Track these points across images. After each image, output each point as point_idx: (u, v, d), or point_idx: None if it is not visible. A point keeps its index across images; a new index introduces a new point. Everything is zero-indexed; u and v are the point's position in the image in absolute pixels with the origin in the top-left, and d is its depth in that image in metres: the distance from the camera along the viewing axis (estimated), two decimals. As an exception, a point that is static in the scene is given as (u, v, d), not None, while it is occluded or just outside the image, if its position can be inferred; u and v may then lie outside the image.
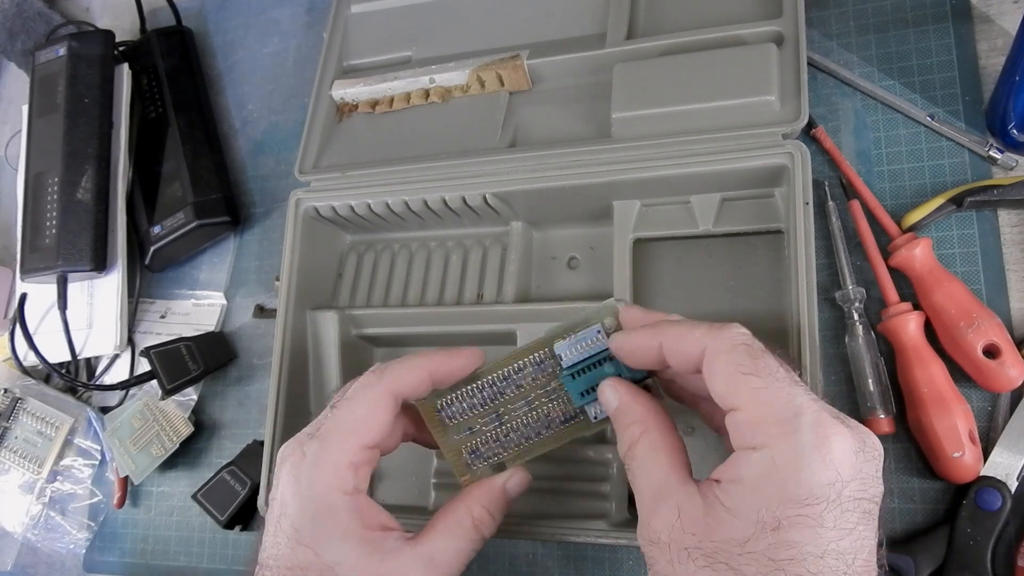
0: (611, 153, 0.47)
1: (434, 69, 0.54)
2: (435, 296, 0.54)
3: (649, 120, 0.46)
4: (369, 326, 0.53)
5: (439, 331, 0.52)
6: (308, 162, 0.55)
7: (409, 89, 0.55)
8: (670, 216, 0.48)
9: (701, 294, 0.48)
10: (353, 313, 0.53)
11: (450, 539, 0.34)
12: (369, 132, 0.56)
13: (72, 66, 0.62)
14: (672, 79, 0.46)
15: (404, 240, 0.56)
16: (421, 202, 0.51)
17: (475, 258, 0.54)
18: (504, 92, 0.53)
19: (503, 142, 0.51)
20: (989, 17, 0.48)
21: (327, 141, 0.57)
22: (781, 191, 0.45)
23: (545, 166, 0.48)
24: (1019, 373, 0.40)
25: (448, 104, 0.55)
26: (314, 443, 0.34)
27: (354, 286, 0.56)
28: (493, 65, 0.52)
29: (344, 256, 0.57)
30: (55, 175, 0.60)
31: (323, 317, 0.53)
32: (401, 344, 0.55)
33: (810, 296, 0.39)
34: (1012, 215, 0.45)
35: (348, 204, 0.52)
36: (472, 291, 0.53)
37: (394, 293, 0.55)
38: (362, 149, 0.55)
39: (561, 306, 0.48)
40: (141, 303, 0.65)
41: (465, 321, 0.51)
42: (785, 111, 0.44)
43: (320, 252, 0.55)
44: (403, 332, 0.53)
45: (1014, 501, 0.40)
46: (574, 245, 0.52)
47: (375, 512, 0.35)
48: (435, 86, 0.54)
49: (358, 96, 0.57)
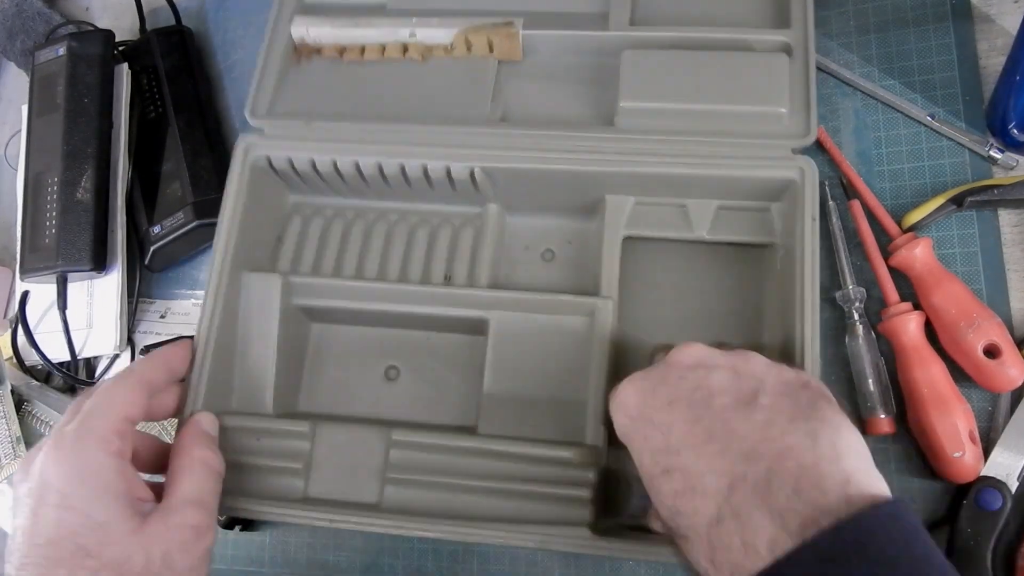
0: (614, 143, 0.45)
1: (415, 23, 0.50)
2: (396, 273, 0.49)
3: (657, 114, 0.44)
4: (314, 297, 0.48)
5: (399, 311, 0.47)
6: (262, 105, 0.50)
7: (385, 40, 0.50)
8: (664, 217, 0.47)
9: (686, 299, 0.47)
10: (296, 280, 0.48)
11: (196, 481, 0.39)
12: (334, 80, 0.51)
13: (72, 66, 0.62)
14: (685, 75, 0.45)
15: (359, 208, 0.51)
16: (397, 167, 0.47)
17: (444, 237, 0.50)
18: (493, 59, 0.49)
19: (494, 114, 0.48)
20: (989, 17, 0.48)
21: (282, 83, 0.51)
22: (778, 206, 0.44)
23: (540, 146, 0.45)
24: (1019, 373, 0.40)
25: (428, 63, 0.50)
26: (75, 420, 0.37)
27: (296, 253, 0.50)
28: (485, 29, 0.48)
29: (287, 218, 0.52)
30: (55, 175, 0.60)
31: (263, 280, 0.47)
32: (350, 322, 0.50)
33: (813, 312, 0.39)
34: (1012, 215, 0.45)
35: (310, 158, 0.47)
36: (439, 272, 0.49)
37: (347, 265, 0.50)
38: (325, 98, 0.50)
39: (544, 296, 0.45)
40: (141, 303, 0.65)
41: (431, 302, 0.47)
42: (795, 125, 0.43)
43: (263, 209, 0.49)
44: (355, 308, 0.48)
45: (1014, 501, 0.40)
46: (551, 237, 0.50)
47: (137, 481, 0.38)
48: (415, 41, 0.50)
49: (322, 38, 0.51)
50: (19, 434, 0.61)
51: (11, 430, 0.61)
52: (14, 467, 0.61)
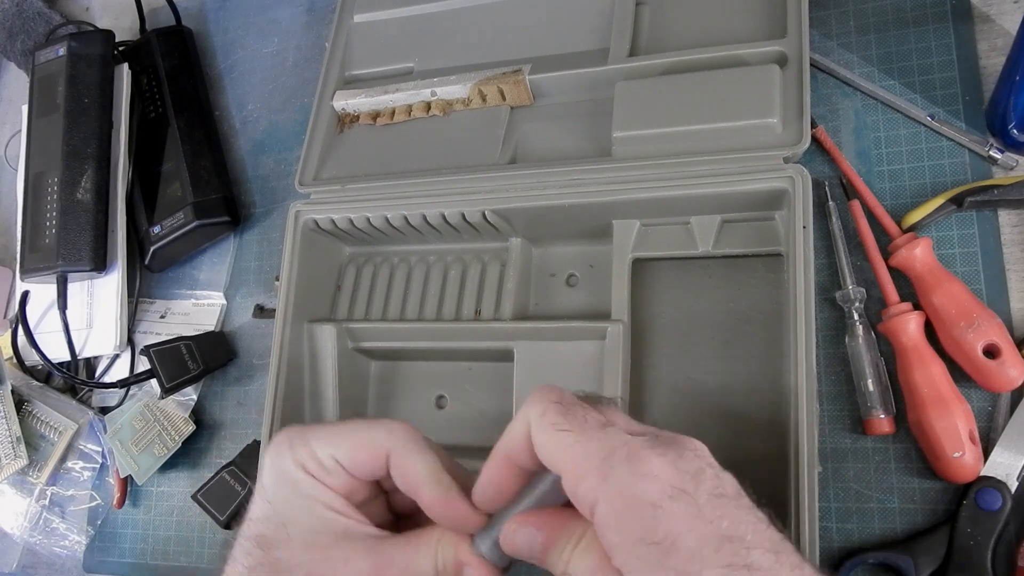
0: (611, 172, 0.46)
1: (436, 82, 0.54)
2: (433, 311, 0.53)
3: (650, 140, 0.46)
4: (366, 340, 0.53)
5: (436, 346, 0.52)
6: (309, 173, 0.55)
7: (410, 102, 0.55)
8: (670, 236, 0.48)
9: (700, 316, 0.48)
10: (351, 326, 0.53)
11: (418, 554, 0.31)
12: (370, 144, 0.56)
13: (72, 66, 0.62)
14: (674, 99, 0.46)
15: (403, 253, 0.56)
16: (420, 217, 0.51)
17: (474, 273, 0.53)
18: (505, 107, 0.53)
19: (503, 158, 0.51)
20: (989, 17, 0.48)
21: (328, 152, 0.56)
22: (782, 214, 0.45)
23: (545, 184, 0.48)
24: (1019, 373, 0.40)
25: (449, 118, 0.54)
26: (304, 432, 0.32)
27: (352, 298, 0.56)
28: (495, 79, 0.52)
29: (343, 268, 0.57)
30: (55, 175, 0.60)
31: (321, 330, 0.52)
32: (397, 358, 0.55)
33: (808, 321, 0.39)
34: (1012, 215, 0.45)
35: (347, 217, 0.52)
36: (470, 307, 0.52)
37: (392, 306, 0.54)
38: (363, 161, 0.55)
39: (559, 324, 0.48)
40: (141, 303, 0.65)
41: (462, 337, 0.50)
42: (787, 134, 0.43)
43: (319, 263, 0.55)
44: (399, 347, 0.53)
45: (1014, 501, 0.40)
46: (573, 262, 0.52)
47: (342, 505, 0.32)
48: (436, 99, 0.54)
49: (359, 107, 0.57)
50: (19, 434, 0.61)
51: (11, 430, 0.61)
52: (14, 467, 0.61)
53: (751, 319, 0.47)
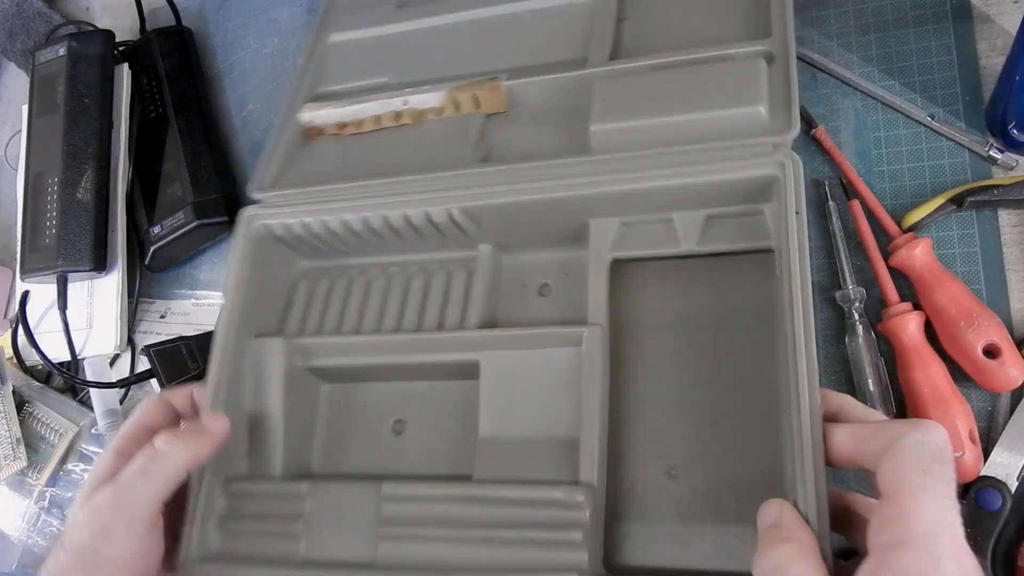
0: (589, 165, 0.43)
1: (408, 91, 0.51)
2: (392, 324, 0.48)
3: (630, 132, 0.43)
4: (318, 357, 0.48)
5: (394, 362, 0.47)
6: (267, 180, 0.51)
7: (380, 111, 0.52)
8: (651, 235, 0.44)
9: (685, 320, 0.44)
10: (302, 342, 0.48)
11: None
12: (334, 154, 0.52)
13: (72, 66, 0.62)
14: (656, 91, 0.43)
15: (363, 266, 0.52)
16: (382, 219, 0.47)
17: (438, 284, 0.49)
18: (480, 114, 0.50)
19: (474, 157, 0.48)
20: (989, 17, 0.48)
21: (290, 162, 0.53)
22: (771, 207, 0.42)
23: (516, 179, 0.44)
24: (1019, 373, 0.40)
25: (420, 126, 0.51)
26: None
27: (304, 315, 0.51)
28: (469, 86, 0.49)
29: (296, 283, 0.52)
30: (55, 175, 0.60)
31: (268, 345, 0.47)
32: (352, 379, 0.50)
33: (807, 312, 0.35)
34: (1012, 215, 0.45)
35: (303, 222, 0.48)
36: (433, 319, 0.48)
37: (348, 321, 0.49)
38: (325, 170, 0.51)
39: (528, 331, 0.44)
40: (141, 303, 0.65)
41: (423, 350, 0.46)
42: (775, 122, 0.41)
43: (270, 276, 0.50)
44: (354, 363, 0.48)
45: (1014, 501, 0.40)
46: (547, 271, 0.48)
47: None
48: (408, 108, 0.51)
49: (327, 118, 0.53)
50: (19, 435, 0.61)
51: (11, 431, 0.61)
52: (13, 468, 0.61)
53: (740, 319, 0.43)
